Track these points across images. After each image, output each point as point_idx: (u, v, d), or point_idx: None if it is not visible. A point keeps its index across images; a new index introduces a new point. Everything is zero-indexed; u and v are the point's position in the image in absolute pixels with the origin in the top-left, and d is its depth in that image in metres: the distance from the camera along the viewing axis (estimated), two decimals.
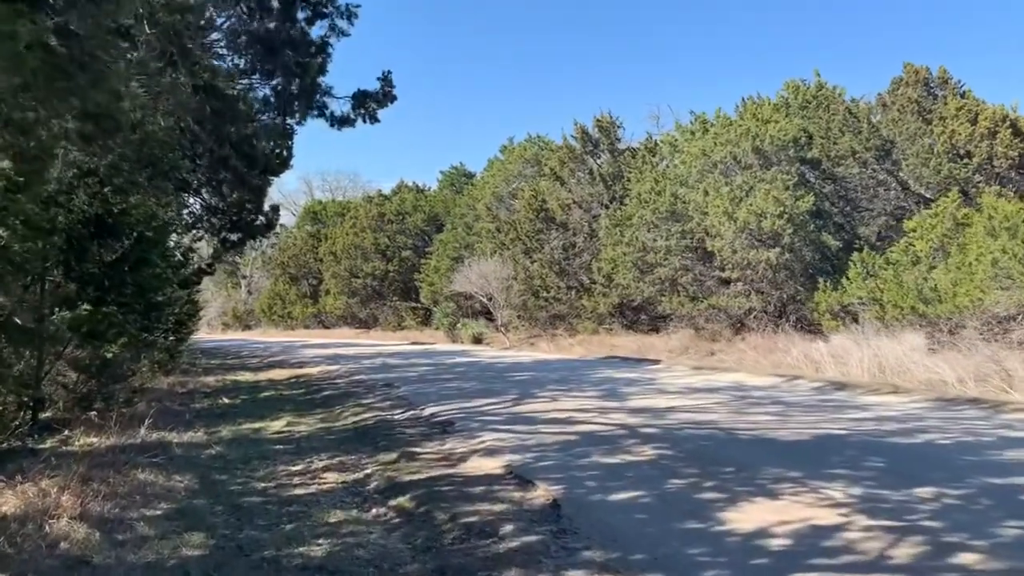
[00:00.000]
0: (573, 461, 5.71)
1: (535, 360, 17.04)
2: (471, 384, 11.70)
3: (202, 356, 22.45)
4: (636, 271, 21.68)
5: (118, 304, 10.31)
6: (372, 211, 37.83)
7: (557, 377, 12.42)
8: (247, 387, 13.92)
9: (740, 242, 19.38)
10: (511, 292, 26.56)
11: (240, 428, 9.31)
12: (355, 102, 12.16)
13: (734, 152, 20.76)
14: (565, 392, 10.23)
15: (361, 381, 13.14)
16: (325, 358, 19.43)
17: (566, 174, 25.58)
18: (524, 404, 9.11)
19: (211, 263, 13.57)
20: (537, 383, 11.57)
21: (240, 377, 15.75)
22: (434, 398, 10.06)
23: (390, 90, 12.22)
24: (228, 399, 12.43)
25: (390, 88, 12.21)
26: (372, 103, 12.19)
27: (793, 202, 18.93)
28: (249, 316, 51.19)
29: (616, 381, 11.54)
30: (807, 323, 19.88)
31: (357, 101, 12.15)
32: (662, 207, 21.25)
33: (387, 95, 12.19)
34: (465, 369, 14.80)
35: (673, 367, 14.25)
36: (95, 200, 10.16)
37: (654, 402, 8.97)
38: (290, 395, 12.15)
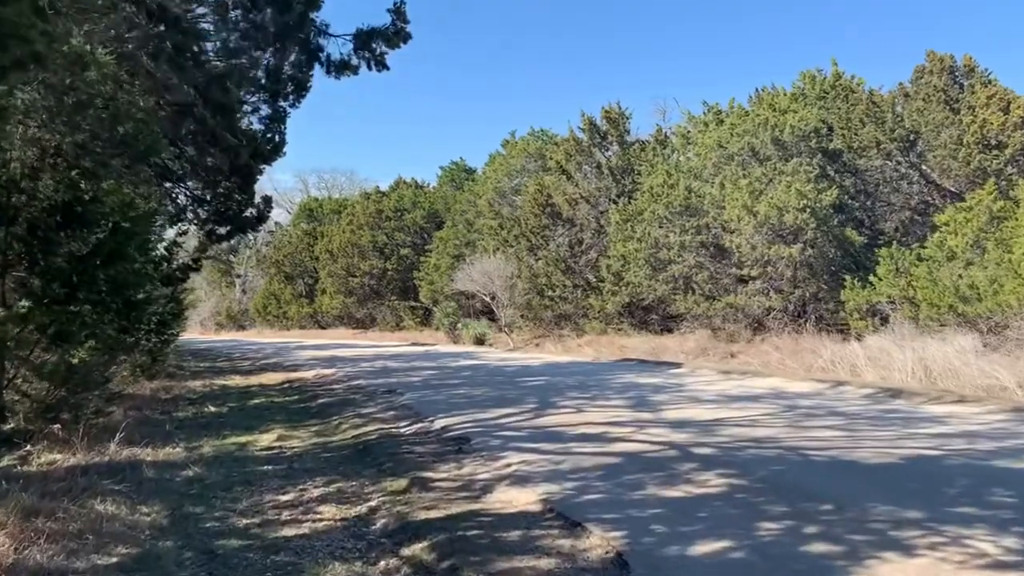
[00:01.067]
0: (625, 494, 4.65)
1: (545, 363, 15.97)
2: (482, 391, 10.63)
3: (191, 358, 21.34)
4: (648, 268, 20.64)
5: (90, 302, 9.21)
6: (369, 208, 36.72)
7: (574, 383, 11.36)
8: (236, 393, 12.84)
9: (760, 238, 18.36)
10: (515, 291, 25.50)
11: (224, 443, 8.24)
12: (357, 43, 10.42)
13: (752, 143, 19.75)
14: (588, 401, 9.17)
15: (360, 387, 12.07)
16: (321, 361, 18.34)
17: (572, 168, 24.52)
18: (546, 415, 8.05)
19: (197, 258, 12.48)
20: (554, 389, 10.50)
21: (230, 382, 14.66)
22: (443, 408, 8.98)
23: (403, 27, 10.35)
24: (214, 407, 11.35)
25: (403, 24, 10.33)
26: (379, 42, 10.36)
27: (816, 195, 17.92)
28: (243, 316, 50.03)
29: (641, 387, 10.48)
30: (830, 323, 18.88)
31: (360, 41, 10.43)
32: (676, 201, 20.21)
33: (399, 32, 10.30)
34: (472, 373, 13.73)
35: (696, 371, 13.20)
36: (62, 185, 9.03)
37: (694, 413, 7.91)
38: (282, 403, 11.07)
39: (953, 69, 20.35)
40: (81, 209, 9.08)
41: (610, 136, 23.96)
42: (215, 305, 51.38)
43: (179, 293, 13.76)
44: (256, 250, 53.20)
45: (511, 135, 32.31)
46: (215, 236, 11.67)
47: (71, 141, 8.23)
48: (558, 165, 24.93)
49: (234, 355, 22.99)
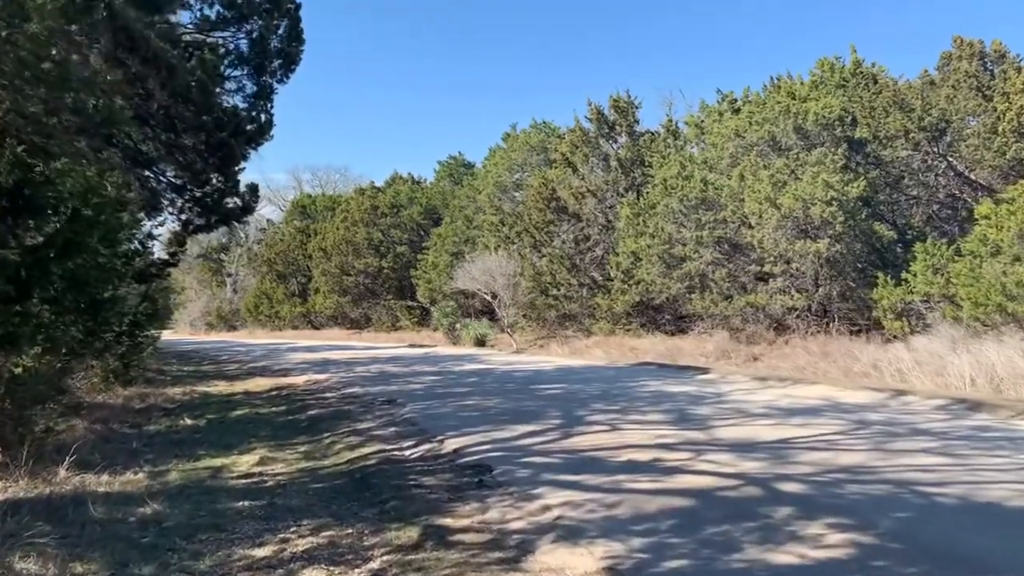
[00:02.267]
0: (718, 559, 3.42)
1: (557, 367, 14.72)
2: (494, 401, 9.39)
3: (175, 361, 20.04)
4: (661, 266, 19.43)
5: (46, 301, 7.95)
6: (364, 204, 35.41)
7: (596, 391, 10.13)
8: (218, 402, 11.57)
9: (783, 233, 17.17)
10: (517, 290, 24.24)
11: (197, 466, 6.99)
12: None
13: (772, 132, 18.56)
14: (621, 415, 7.93)
15: (356, 396, 10.83)
16: (313, 364, 17.08)
17: (579, 160, 23.29)
18: (576, 434, 6.82)
19: (174, 252, 11.19)
20: (576, 400, 9.27)
21: (213, 388, 13.39)
22: (452, 423, 7.74)
23: None
24: (192, 419, 10.09)
25: None
26: None
27: (843, 186, 16.74)
28: (234, 316, 48.63)
29: (674, 398, 9.25)
30: (856, 323, 17.75)
31: None
32: (691, 194, 19.01)
33: None
34: (479, 379, 12.48)
35: (727, 377, 11.98)
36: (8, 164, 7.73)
37: (751, 431, 6.70)
38: (268, 414, 9.80)
39: (983, 54, 19.20)
40: (31, 192, 7.80)
41: (618, 127, 22.75)
42: (205, 305, 49.97)
43: (154, 291, 12.48)
44: (247, 248, 51.82)
45: (512, 128, 31.13)
46: (193, 227, 10.37)
47: (13, 109, 6.95)
48: (563, 157, 23.70)
49: (221, 358, 21.68)
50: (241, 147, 9.80)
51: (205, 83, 8.60)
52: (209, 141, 8.92)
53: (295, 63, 10.74)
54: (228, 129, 9.02)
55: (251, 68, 10.42)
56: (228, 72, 10.27)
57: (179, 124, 8.94)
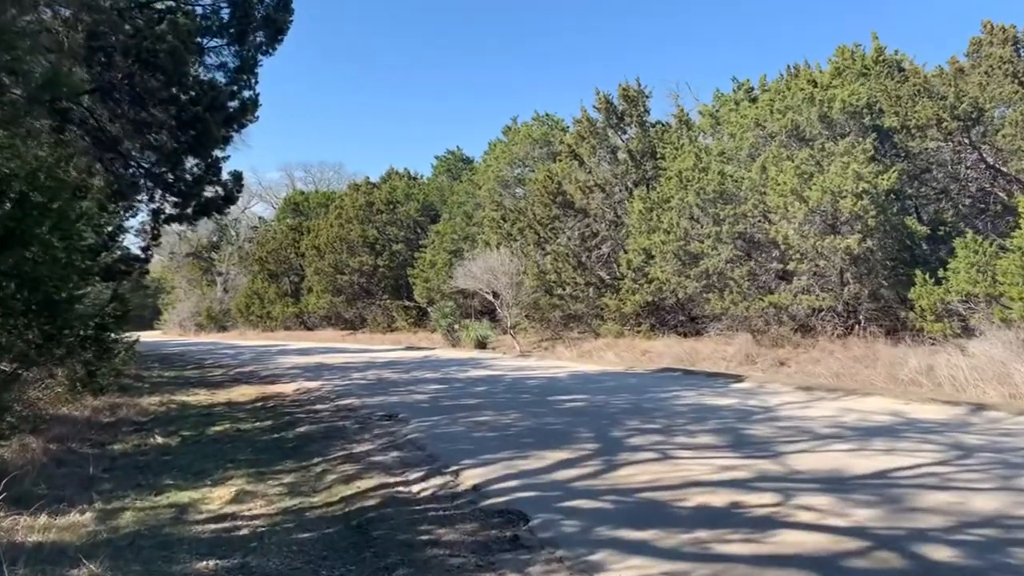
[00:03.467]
0: None
1: (571, 374, 13.49)
2: (511, 417, 8.15)
3: (157, 365, 18.76)
4: (677, 263, 18.24)
5: None
6: (359, 200, 34.12)
7: (625, 404, 8.92)
8: (196, 415, 10.33)
9: (811, 228, 15.99)
10: (521, 289, 23.02)
11: (158, 504, 5.76)
12: None
13: (796, 121, 17.38)
14: (665, 436, 6.71)
15: (351, 408, 9.60)
16: (304, 369, 15.83)
17: (586, 152, 22.07)
18: (623, 464, 5.60)
19: (147, 247, 9.92)
20: (606, 415, 8.05)
21: (192, 398, 12.13)
22: (466, 447, 6.52)
23: None
24: (164, 437, 8.86)
25: None
26: None
27: (873, 178, 15.58)
28: (225, 316, 47.24)
29: (718, 413, 8.04)
30: (883, 324, 16.61)
31: None
32: (708, 187, 17.82)
33: None
34: (488, 388, 11.25)
35: (766, 386, 10.79)
36: None
37: (834, 461, 5.49)
38: (251, 431, 8.56)
39: (1016, 40, 18.05)
40: None
41: (628, 117, 21.53)
42: (195, 305, 48.57)
43: (126, 290, 11.19)
44: (238, 247, 50.45)
45: (513, 121, 29.91)
46: (165, 217, 9.12)
47: None
48: (569, 149, 22.49)
49: (207, 362, 20.38)
50: (219, 126, 8.54)
51: (177, 49, 7.34)
52: (181, 117, 7.68)
53: (282, 32, 9.51)
54: (203, 103, 7.78)
55: (232, 37, 9.18)
56: (207, 43, 9.01)
57: (146, 97, 7.67)
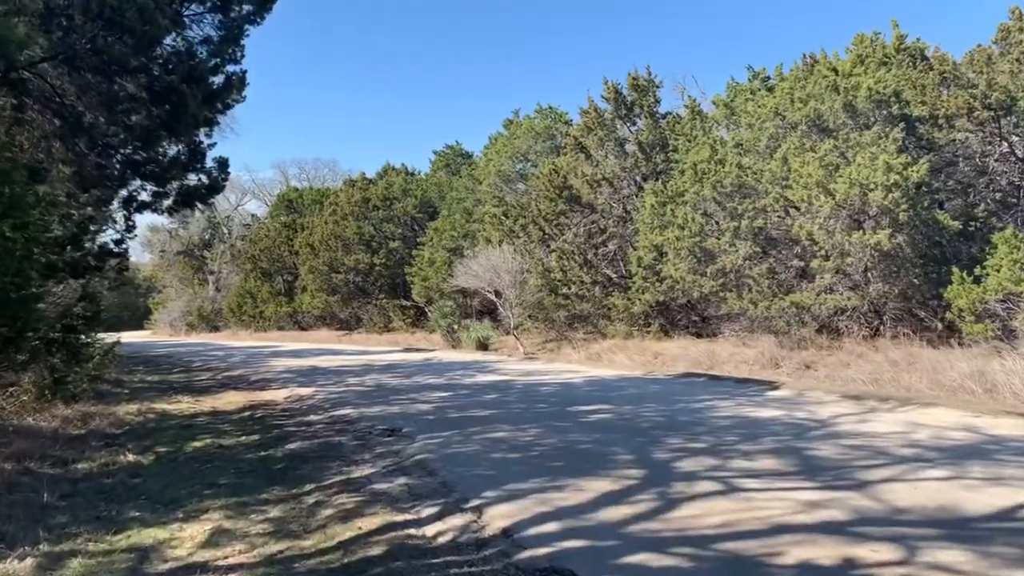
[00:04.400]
0: None
1: (586, 379, 12.48)
2: (531, 432, 7.14)
3: (141, 368, 17.68)
4: (692, 260, 17.26)
5: None
6: (355, 196, 33.03)
7: (658, 416, 7.91)
8: (176, 426, 9.29)
9: (837, 223, 15.03)
10: (524, 288, 22.01)
11: (115, 547, 4.75)
12: None
13: (819, 110, 16.41)
14: (718, 459, 5.70)
15: (348, 420, 8.58)
16: (298, 374, 14.79)
17: (593, 144, 21.07)
18: (682, 499, 4.61)
19: (120, 239, 8.88)
20: (639, 431, 7.05)
21: (174, 406, 11.09)
22: (486, 470, 5.51)
23: None
24: (136, 453, 7.83)
25: None
26: None
27: (904, 169, 14.63)
28: (217, 316, 46.08)
29: (767, 427, 7.04)
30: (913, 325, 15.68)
31: None
32: (726, 180, 16.84)
33: None
34: (499, 396, 10.23)
35: (806, 394, 9.80)
36: None
37: (936, 493, 4.52)
38: (235, 448, 7.53)
39: None
40: None
41: (637, 107, 20.53)
42: (186, 304, 47.38)
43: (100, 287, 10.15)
44: (231, 245, 49.30)
45: (514, 114, 28.90)
46: (137, 204, 8.08)
47: None
48: (576, 142, 21.50)
49: (195, 364, 19.31)
50: (201, 103, 7.49)
51: (146, 7, 6.28)
52: (153, 87, 6.65)
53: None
54: (179, 72, 6.73)
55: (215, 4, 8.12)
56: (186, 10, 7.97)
57: (114, 67, 6.62)
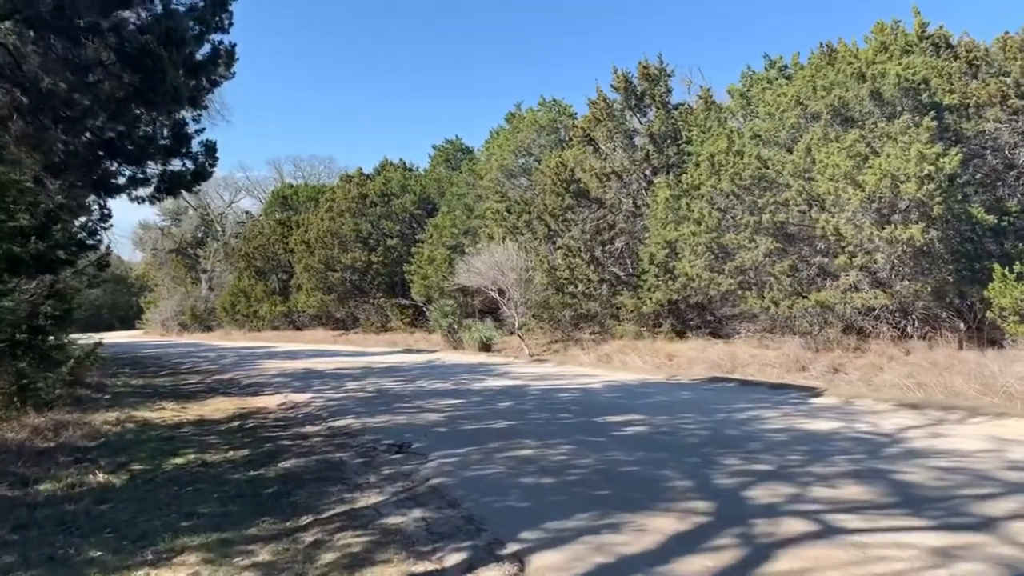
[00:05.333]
0: None
1: (606, 384, 11.54)
2: (564, 451, 6.19)
3: (127, 371, 16.70)
4: (709, 257, 16.37)
5: None
6: (352, 192, 32.05)
7: (701, 429, 7.00)
8: (157, 438, 8.36)
9: (866, 217, 14.16)
10: (530, 286, 21.09)
11: None
12: None
13: (844, 98, 15.54)
14: (796, 487, 4.77)
15: (349, 432, 7.65)
16: (292, 377, 13.85)
17: (602, 136, 20.16)
18: (778, 547, 3.68)
19: (94, 230, 7.92)
20: (688, 449, 6.12)
21: (157, 414, 10.14)
22: (518, 502, 4.59)
23: None
24: (108, 472, 6.90)
25: None
26: None
27: (936, 159, 13.77)
28: (210, 316, 45.01)
29: (833, 444, 6.12)
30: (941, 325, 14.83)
31: None
32: (745, 173, 15.95)
33: None
34: (515, 403, 9.30)
35: (855, 402, 8.91)
36: None
37: None
38: (221, 466, 6.60)
39: None
40: None
41: (648, 97, 19.62)
42: (178, 304, 46.30)
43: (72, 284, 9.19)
44: (224, 242, 48.24)
45: (517, 107, 27.97)
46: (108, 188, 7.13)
47: None
48: (583, 134, 20.59)
49: (183, 366, 18.33)
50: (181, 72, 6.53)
51: None
52: (124, 48, 5.70)
53: None
54: (154, 32, 5.79)
55: None
56: None
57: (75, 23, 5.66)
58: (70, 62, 6.24)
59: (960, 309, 15.14)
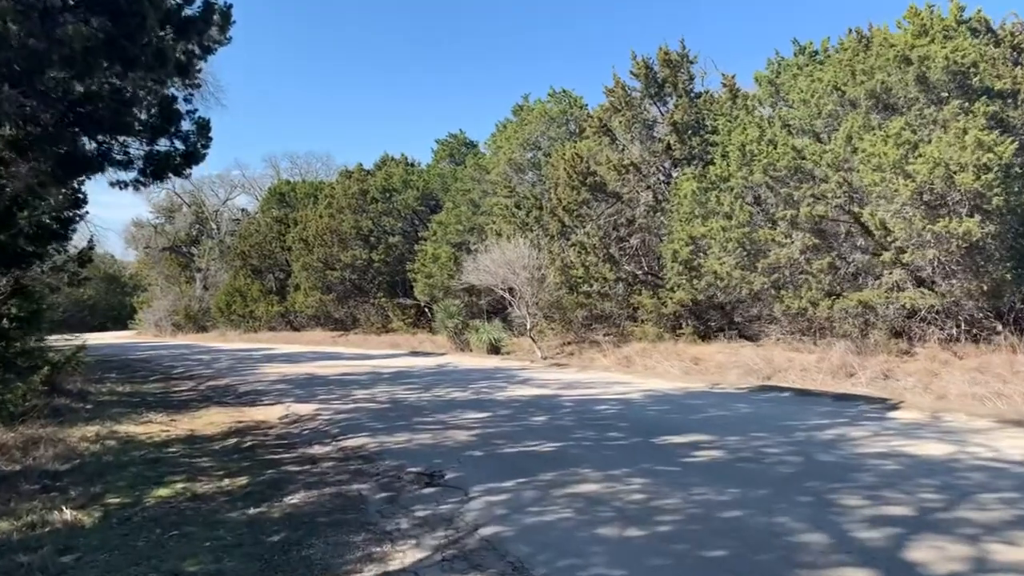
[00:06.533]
0: None
1: (645, 393, 10.34)
2: (636, 486, 5.04)
3: (114, 376, 15.51)
4: (740, 254, 15.27)
5: None
6: (352, 188, 30.88)
7: (786, 454, 5.86)
8: (140, 460, 7.22)
9: (917, 210, 13.07)
10: (542, 286, 19.97)
11: None
12: None
13: (887, 83, 14.46)
14: (974, 546, 3.54)
15: (365, 455, 6.53)
16: (294, 384, 12.70)
17: (620, 126, 19.04)
18: None
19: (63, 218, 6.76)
20: (788, 484, 4.93)
21: (143, 428, 8.99)
22: (605, 568, 3.46)
23: None
24: (76, 508, 5.79)
25: None
26: None
27: (994, 147, 12.69)
28: (205, 316, 43.76)
29: (969, 477, 4.94)
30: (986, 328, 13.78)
31: None
32: (780, 163, 14.85)
33: None
34: (550, 417, 8.17)
35: (943, 416, 7.79)
36: None
37: None
38: (213, 499, 5.47)
39: None
40: None
41: (669, 85, 18.51)
42: (172, 303, 45.01)
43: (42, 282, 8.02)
44: (219, 240, 46.98)
45: (524, 99, 26.83)
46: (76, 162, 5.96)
47: None
48: (600, 124, 19.48)
49: (176, 370, 17.13)
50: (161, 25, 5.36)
51: None
52: None
53: None
54: None
55: None
56: None
57: None
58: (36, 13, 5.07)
59: (1001, 311, 14.10)
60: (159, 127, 7.41)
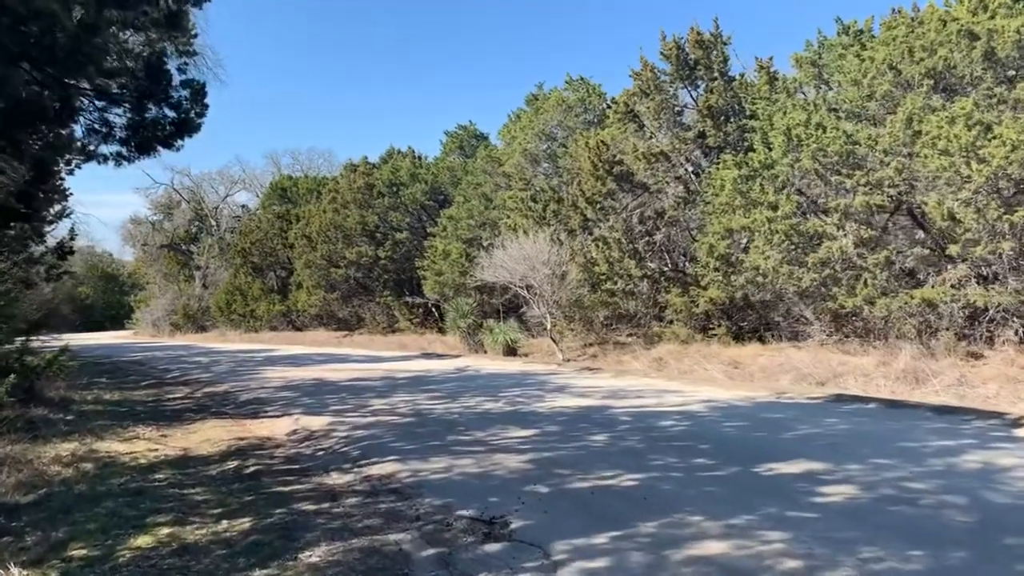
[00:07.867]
0: None
1: (708, 405, 8.96)
2: (777, 546, 3.58)
3: (103, 381, 14.22)
4: (788, 247, 13.98)
5: None
6: (357, 182, 29.59)
7: (940, 491, 4.50)
8: (119, 492, 5.96)
9: (990, 199, 11.78)
10: (564, 283, 18.70)
11: None
12: None
13: (950, 60, 13.19)
14: None
15: (397, 488, 5.27)
16: (301, 391, 11.41)
17: (648, 112, 17.74)
18: None
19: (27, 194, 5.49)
20: (977, 542, 3.43)
21: (127, 447, 7.73)
22: None
23: None
24: (28, 565, 4.45)
25: None
26: None
27: None
28: (204, 315, 42.46)
29: None
30: None
31: None
32: (831, 148, 13.57)
33: None
34: (610, 435, 6.87)
35: None
36: None
37: None
38: (207, 553, 4.20)
39: None
40: None
41: (702, 67, 17.21)
42: (171, 302, 43.72)
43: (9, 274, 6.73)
44: (219, 237, 45.69)
45: (538, 88, 25.56)
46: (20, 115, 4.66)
47: None
48: (626, 109, 18.19)
49: (171, 374, 15.83)
50: None
51: None
52: None
53: None
54: None
55: None
56: None
57: None
58: None
59: None
60: (145, 89, 6.13)
